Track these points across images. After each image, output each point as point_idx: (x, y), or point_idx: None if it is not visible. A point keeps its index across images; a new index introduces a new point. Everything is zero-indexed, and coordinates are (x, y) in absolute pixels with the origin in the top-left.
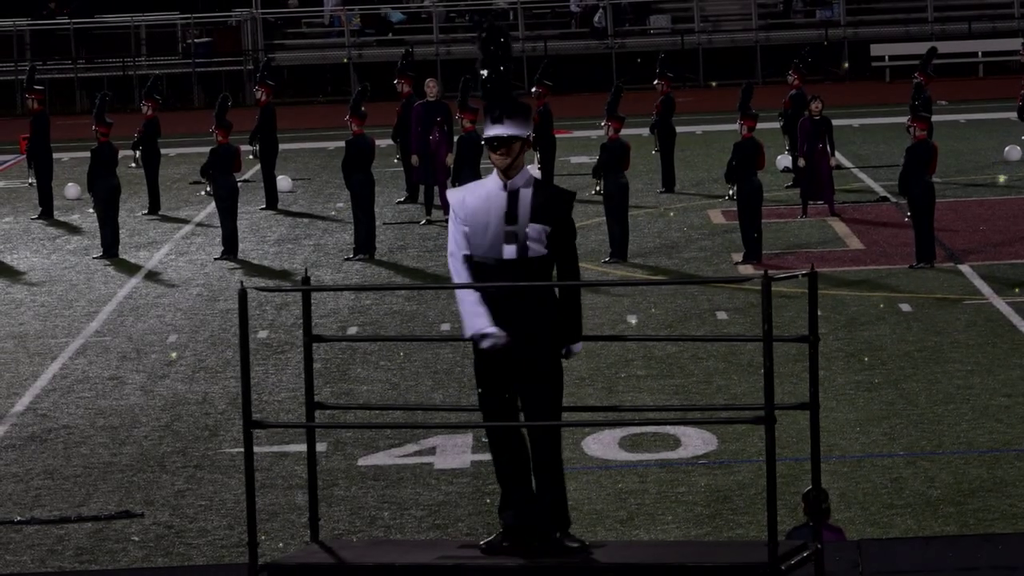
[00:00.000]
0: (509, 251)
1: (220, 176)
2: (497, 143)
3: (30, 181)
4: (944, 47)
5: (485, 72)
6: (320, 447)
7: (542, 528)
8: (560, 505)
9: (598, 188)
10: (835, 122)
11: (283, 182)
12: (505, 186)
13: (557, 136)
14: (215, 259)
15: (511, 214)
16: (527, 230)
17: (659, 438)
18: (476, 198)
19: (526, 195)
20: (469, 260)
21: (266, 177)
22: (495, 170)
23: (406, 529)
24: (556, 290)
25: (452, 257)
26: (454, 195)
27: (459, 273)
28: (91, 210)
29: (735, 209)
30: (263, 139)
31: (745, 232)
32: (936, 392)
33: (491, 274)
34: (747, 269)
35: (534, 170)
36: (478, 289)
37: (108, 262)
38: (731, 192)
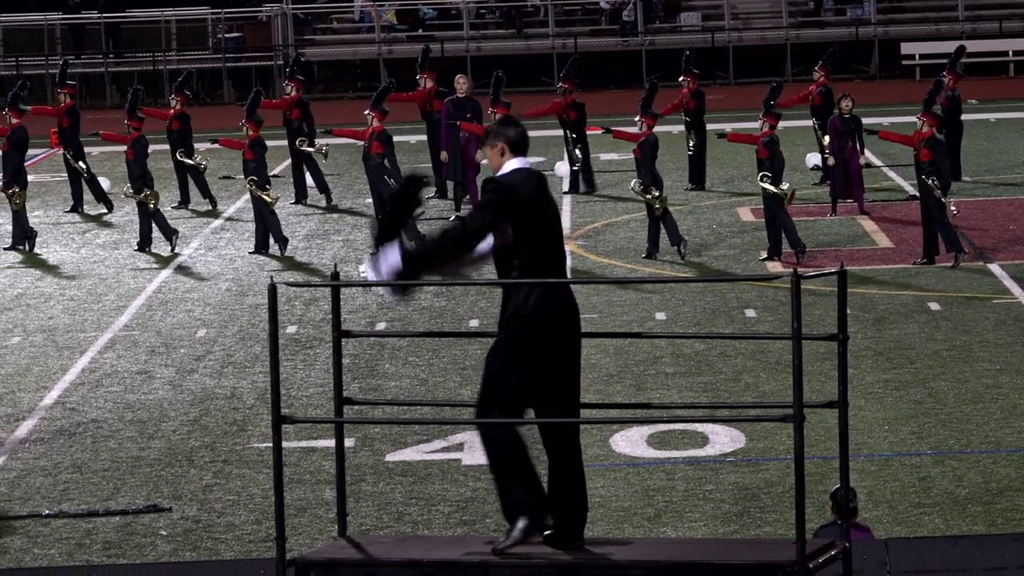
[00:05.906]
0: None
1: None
2: None
3: (84, 176)
4: (974, 46)
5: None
6: (348, 443)
7: (560, 527)
8: (579, 503)
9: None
10: (865, 120)
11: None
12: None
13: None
14: (250, 252)
15: None
16: None
17: (687, 435)
18: None
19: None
20: None
21: (295, 172)
22: None
23: (433, 525)
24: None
25: None
26: None
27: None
28: (121, 198)
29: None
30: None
31: (770, 231)
32: (965, 391)
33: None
34: (776, 267)
35: (563, 168)
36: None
37: (139, 252)
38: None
